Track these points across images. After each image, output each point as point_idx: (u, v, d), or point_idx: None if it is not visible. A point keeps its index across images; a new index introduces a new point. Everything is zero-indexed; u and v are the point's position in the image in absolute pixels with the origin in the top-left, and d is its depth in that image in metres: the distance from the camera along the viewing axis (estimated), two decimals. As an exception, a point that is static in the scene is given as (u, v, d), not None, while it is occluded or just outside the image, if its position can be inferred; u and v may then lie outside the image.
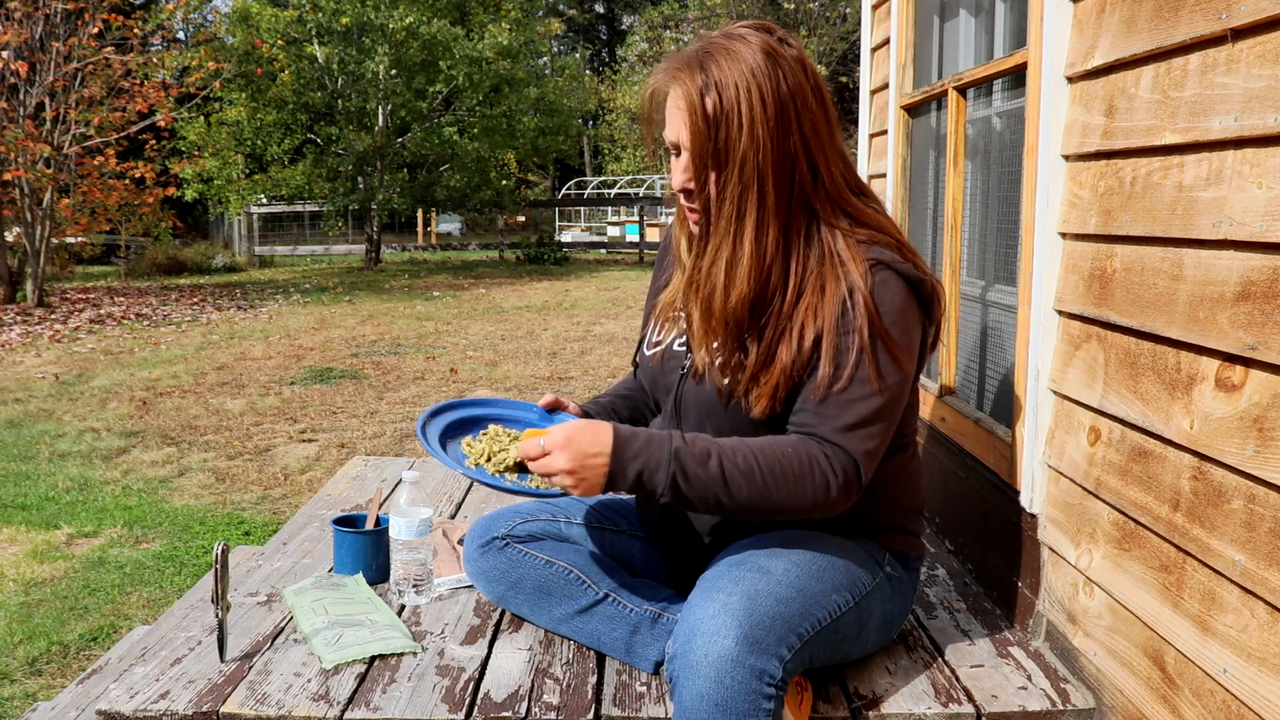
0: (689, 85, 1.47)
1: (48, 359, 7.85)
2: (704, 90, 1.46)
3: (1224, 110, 1.32)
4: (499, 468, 1.56)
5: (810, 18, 19.62)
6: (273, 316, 10.43)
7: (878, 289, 1.49)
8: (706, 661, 1.35)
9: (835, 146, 1.54)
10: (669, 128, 1.51)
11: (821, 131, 1.51)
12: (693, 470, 1.44)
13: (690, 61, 1.49)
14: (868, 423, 1.48)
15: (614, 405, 1.86)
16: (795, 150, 1.48)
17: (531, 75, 18.26)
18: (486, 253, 20.79)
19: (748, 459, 1.45)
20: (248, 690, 1.60)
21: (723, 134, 1.46)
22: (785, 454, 1.46)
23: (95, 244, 15.67)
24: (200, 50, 14.05)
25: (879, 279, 1.50)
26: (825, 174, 1.52)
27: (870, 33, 3.26)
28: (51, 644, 2.94)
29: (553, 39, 29.44)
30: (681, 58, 1.51)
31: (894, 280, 1.51)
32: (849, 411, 1.48)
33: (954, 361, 2.46)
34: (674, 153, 1.52)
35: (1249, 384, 1.26)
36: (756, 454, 1.46)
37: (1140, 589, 1.51)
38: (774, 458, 1.46)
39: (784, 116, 1.47)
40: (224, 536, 3.83)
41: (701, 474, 1.44)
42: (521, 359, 7.65)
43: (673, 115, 1.50)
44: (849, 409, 1.48)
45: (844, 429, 1.48)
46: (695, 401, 1.63)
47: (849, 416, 1.48)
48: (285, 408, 6.02)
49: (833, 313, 1.49)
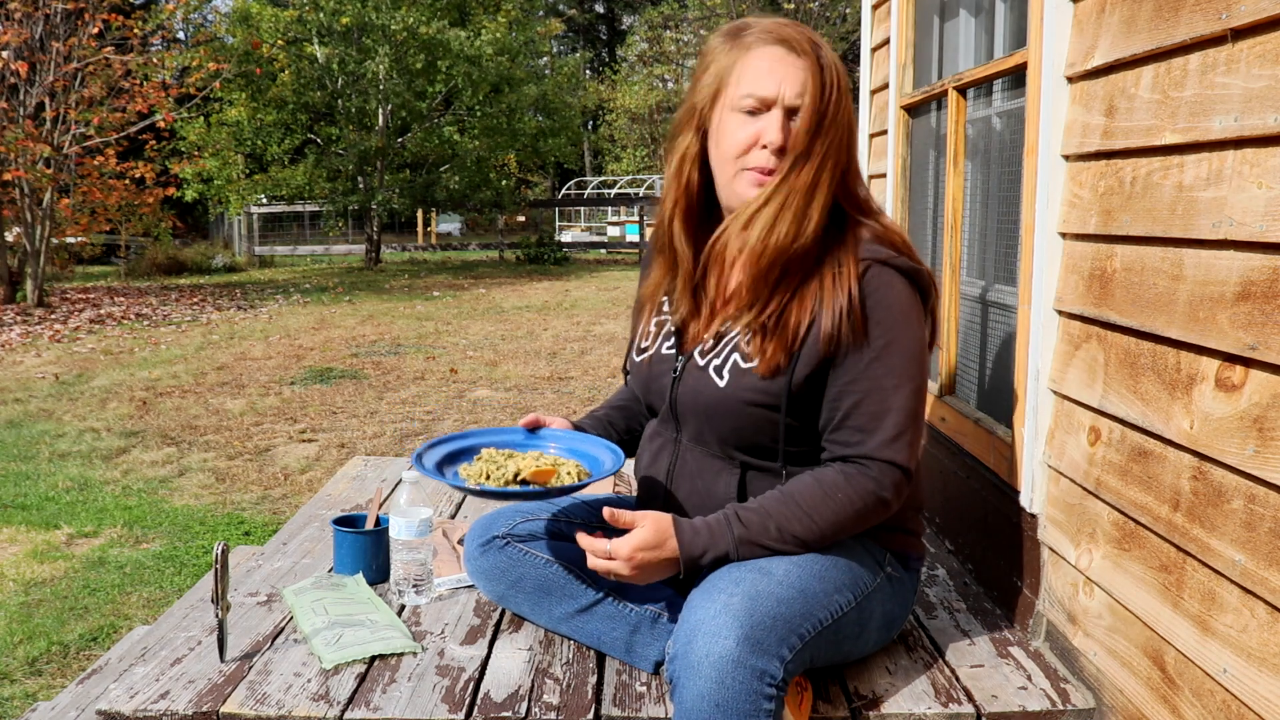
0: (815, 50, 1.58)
1: (48, 359, 7.85)
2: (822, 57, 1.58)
3: (1224, 110, 1.32)
4: (499, 482, 1.63)
5: (810, 18, 19.62)
6: (273, 316, 10.43)
7: (884, 290, 1.55)
8: (707, 662, 1.35)
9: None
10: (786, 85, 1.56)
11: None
12: (758, 548, 1.54)
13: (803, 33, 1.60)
14: (904, 428, 1.55)
15: (610, 418, 1.90)
16: (853, 127, 1.64)
17: (531, 75, 18.27)
18: (486, 253, 20.79)
19: (802, 512, 1.54)
20: (248, 690, 1.60)
21: (834, 97, 1.58)
22: (836, 499, 1.55)
23: (95, 244, 15.67)
24: (200, 50, 14.03)
25: (884, 279, 1.55)
26: (855, 143, 1.64)
27: (870, 33, 3.26)
28: (51, 644, 2.94)
29: (553, 39, 29.44)
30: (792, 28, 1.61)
31: (896, 278, 1.56)
32: (883, 423, 1.55)
33: (954, 361, 2.46)
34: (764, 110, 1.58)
35: (1249, 384, 1.26)
36: (809, 505, 1.55)
37: (1140, 589, 1.51)
38: (825, 503, 1.54)
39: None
40: (224, 536, 3.83)
41: (767, 545, 1.54)
42: (521, 359, 7.65)
43: (793, 74, 1.56)
44: (882, 421, 1.55)
45: (885, 444, 1.55)
46: (692, 403, 1.65)
47: (886, 430, 1.55)
48: (285, 408, 6.02)
49: (840, 306, 1.54)
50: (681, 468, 1.70)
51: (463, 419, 5.68)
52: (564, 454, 1.76)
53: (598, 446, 1.75)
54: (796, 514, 1.54)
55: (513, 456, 1.69)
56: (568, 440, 1.79)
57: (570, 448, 1.77)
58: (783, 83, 1.55)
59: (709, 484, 1.66)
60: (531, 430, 1.81)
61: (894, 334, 1.55)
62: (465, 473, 1.68)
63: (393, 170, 17.37)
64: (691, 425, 1.68)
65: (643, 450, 1.81)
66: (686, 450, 1.70)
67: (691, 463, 1.69)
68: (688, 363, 1.67)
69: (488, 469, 1.66)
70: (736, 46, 1.60)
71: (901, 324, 1.55)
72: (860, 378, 1.55)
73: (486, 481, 1.63)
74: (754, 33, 1.60)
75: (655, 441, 1.77)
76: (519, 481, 1.63)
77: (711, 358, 1.64)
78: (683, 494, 1.69)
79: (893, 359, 1.54)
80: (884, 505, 1.56)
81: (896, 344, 1.55)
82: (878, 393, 1.54)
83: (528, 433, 1.81)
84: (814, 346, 1.55)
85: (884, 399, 1.54)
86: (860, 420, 1.55)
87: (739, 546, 1.53)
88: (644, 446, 1.81)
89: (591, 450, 1.75)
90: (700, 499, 1.67)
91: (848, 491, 1.54)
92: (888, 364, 1.54)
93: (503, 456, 1.69)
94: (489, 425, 5.53)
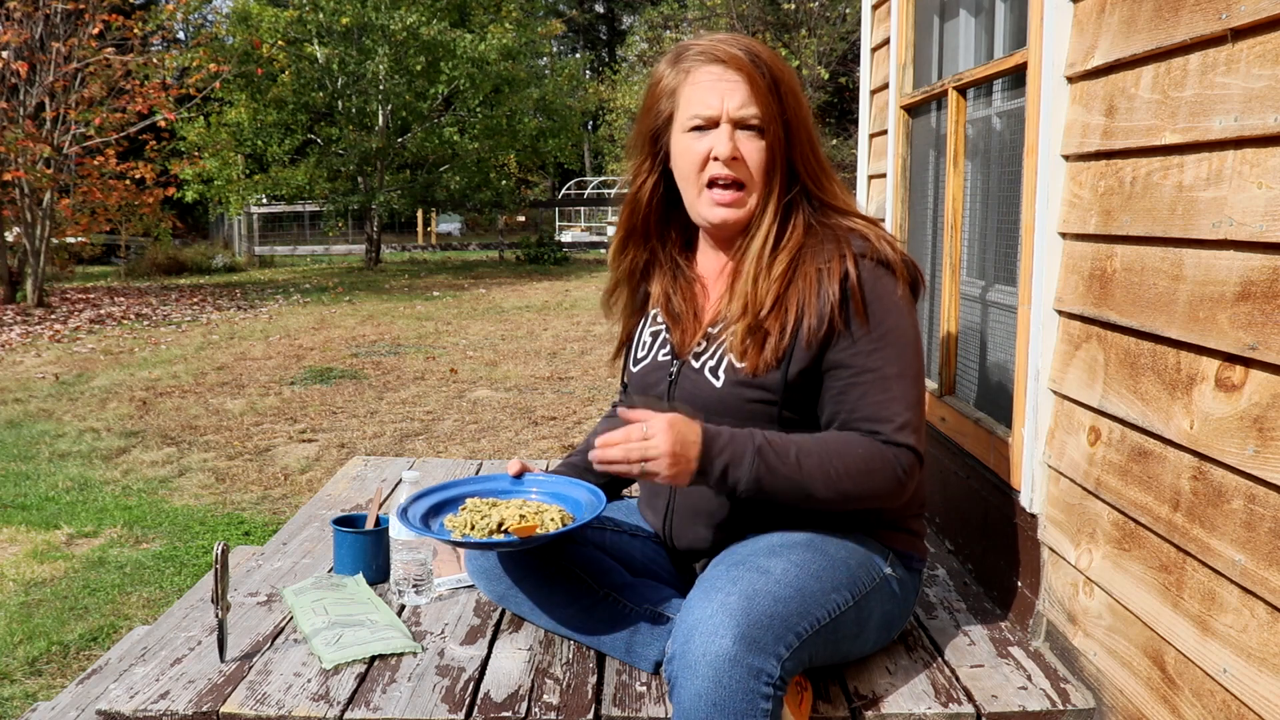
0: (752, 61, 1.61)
1: (48, 359, 7.85)
2: (760, 66, 1.61)
3: (1224, 110, 1.32)
4: (484, 533, 1.64)
5: (810, 18, 19.59)
6: (273, 316, 10.43)
7: (875, 282, 1.58)
8: (704, 661, 1.35)
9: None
10: (728, 99, 1.60)
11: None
12: (775, 464, 1.51)
13: (738, 45, 1.63)
14: (911, 415, 1.58)
15: (588, 464, 1.90)
16: (811, 124, 1.67)
17: (532, 76, 18.26)
18: (486, 253, 20.79)
19: (824, 454, 1.54)
20: (248, 690, 1.60)
21: (780, 103, 1.61)
22: (856, 452, 1.55)
23: (95, 244, 15.67)
24: (200, 51, 14.03)
25: (873, 272, 1.59)
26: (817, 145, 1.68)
27: (870, 33, 3.26)
28: (51, 644, 2.94)
29: (553, 39, 29.44)
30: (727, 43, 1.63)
31: (884, 270, 1.60)
32: (890, 411, 1.57)
33: (954, 361, 2.46)
34: (712, 127, 1.62)
35: (1249, 384, 1.26)
36: (831, 449, 1.54)
37: (1140, 589, 1.51)
38: (847, 454, 1.54)
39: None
40: (224, 536, 3.83)
41: (781, 468, 1.52)
42: (521, 359, 7.65)
43: (732, 88, 1.60)
44: (889, 409, 1.57)
45: (896, 430, 1.56)
46: (690, 405, 1.67)
47: (896, 418, 1.56)
48: (285, 408, 6.02)
49: (830, 300, 1.57)
50: None
51: (463, 419, 5.68)
52: (546, 498, 1.79)
53: (579, 489, 1.77)
54: (818, 449, 1.54)
55: (496, 505, 1.71)
56: (549, 485, 1.81)
57: (552, 491, 1.80)
58: (724, 98, 1.60)
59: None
60: (517, 476, 1.83)
61: (890, 324, 1.58)
62: (451, 524, 1.70)
63: (393, 170, 17.36)
64: None
65: None
66: None
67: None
68: (683, 366, 1.70)
69: (472, 519, 1.68)
70: (678, 71, 1.66)
71: (895, 314, 1.59)
72: (863, 369, 1.57)
73: (471, 532, 1.65)
74: (691, 55, 1.65)
75: None
76: (503, 531, 1.65)
77: (706, 359, 1.67)
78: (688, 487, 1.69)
79: (891, 348, 1.58)
80: (899, 484, 1.57)
81: (893, 333, 1.58)
82: (881, 382, 1.57)
83: (512, 479, 1.83)
84: (806, 341, 1.58)
85: (888, 388, 1.57)
86: (869, 411, 1.57)
87: (756, 458, 1.51)
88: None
89: (573, 494, 1.77)
90: (705, 492, 1.67)
91: (868, 449, 1.55)
92: (886, 354, 1.57)
93: (487, 505, 1.72)
94: (489, 424, 5.53)
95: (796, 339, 1.58)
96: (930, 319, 2.63)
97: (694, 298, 1.75)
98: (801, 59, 18.96)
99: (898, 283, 1.60)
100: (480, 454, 4.94)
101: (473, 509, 1.71)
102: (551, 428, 5.49)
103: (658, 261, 1.80)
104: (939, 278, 2.50)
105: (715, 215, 1.65)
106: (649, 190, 1.74)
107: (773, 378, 1.59)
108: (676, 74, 1.66)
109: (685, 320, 1.74)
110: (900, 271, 1.61)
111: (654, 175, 1.73)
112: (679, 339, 1.73)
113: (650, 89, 1.71)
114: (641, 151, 1.73)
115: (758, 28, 19.62)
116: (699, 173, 1.64)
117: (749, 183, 1.63)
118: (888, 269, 1.60)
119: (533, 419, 5.68)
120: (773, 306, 1.60)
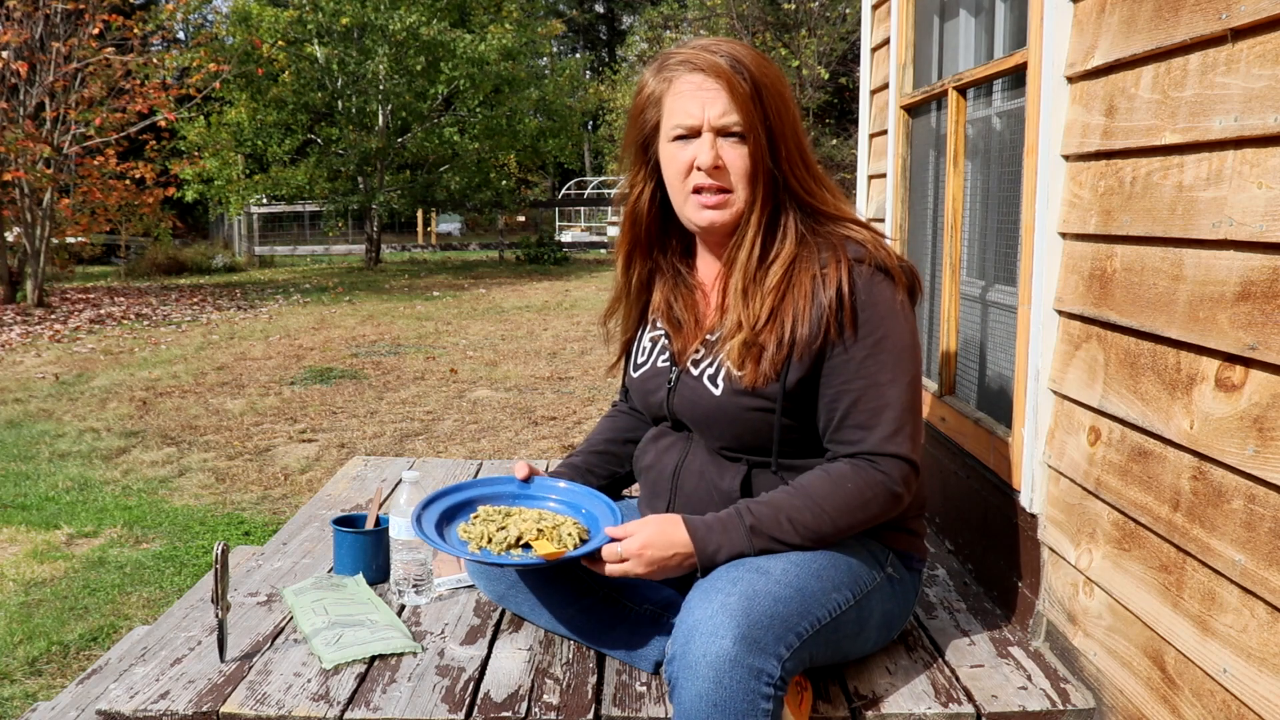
0: (733, 68, 1.59)
1: (48, 359, 7.85)
2: (741, 72, 1.59)
3: (1224, 110, 1.32)
4: (502, 546, 1.63)
5: (810, 18, 19.58)
6: (273, 316, 10.43)
7: (870, 288, 1.57)
8: (705, 662, 1.35)
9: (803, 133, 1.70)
10: (708, 108, 1.59)
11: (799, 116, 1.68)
12: (772, 540, 1.54)
13: (720, 53, 1.61)
14: (903, 422, 1.57)
15: (589, 465, 1.92)
16: (800, 127, 1.66)
17: (532, 76, 18.26)
18: (486, 253, 20.78)
19: (813, 503, 1.55)
20: (248, 690, 1.60)
21: (763, 109, 1.59)
22: (846, 488, 1.56)
23: (95, 244, 15.67)
24: (200, 51, 14.03)
25: (869, 278, 1.58)
26: (806, 151, 1.67)
27: (870, 33, 3.26)
28: (51, 644, 2.94)
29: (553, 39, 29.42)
30: (709, 51, 1.62)
31: (880, 276, 1.58)
32: (882, 419, 1.56)
33: (954, 361, 2.46)
34: (694, 137, 1.61)
35: (1249, 384, 1.26)
36: (819, 495, 1.55)
37: (1140, 589, 1.51)
38: (837, 495, 1.55)
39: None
40: (224, 536, 3.83)
41: (780, 538, 1.54)
42: (521, 359, 7.65)
43: (713, 97, 1.59)
44: (881, 416, 1.56)
45: (886, 439, 1.56)
46: (690, 412, 1.69)
47: (887, 425, 1.56)
48: (285, 408, 6.02)
49: (827, 307, 1.56)
50: (689, 463, 1.72)
51: (463, 419, 5.68)
52: (563, 509, 1.76)
53: (597, 503, 1.75)
54: (806, 504, 1.54)
55: (510, 515, 1.69)
56: (567, 495, 1.79)
57: (570, 502, 1.78)
58: (705, 107, 1.60)
59: (715, 479, 1.67)
60: (525, 480, 1.82)
61: (884, 330, 1.57)
62: (465, 534, 1.69)
63: (393, 170, 17.36)
64: (693, 430, 1.71)
65: (646, 449, 1.82)
66: (696, 446, 1.72)
67: (699, 459, 1.70)
68: (682, 374, 1.70)
69: (487, 530, 1.66)
70: (661, 80, 1.66)
71: (890, 320, 1.58)
72: (855, 376, 1.57)
73: (488, 545, 1.64)
74: (672, 64, 1.65)
75: (663, 440, 1.78)
76: (521, 546, 1.63)
77: (705, 367, 1.67)
78: (689, 488, 1.70)
79: (885, 355, 1.57)
80: (896, 498, 1.57)
81: (887, 340, 1.57)
82: (874, 389, 1.56)
83: (521, 483, 1.81)
84: (803, 349, 1.57)
85: (880, 395, 1.56)
86: (860, 418, 1.57)
87: (752, 539, 1.53)
88: (647, 446, 1.82)
89: (591, 507, 1.75)
90: (706, 493, 1.68)
91: (856, 482, 1.55)
92: (880, 360, 1.57)
93: (500, 515, 1.70)
94: (489, 424, 5.53)
95: (793, 350, 1.58)
96: (930, 319, 2.63)
97: (694, 304, 1.75)
98: (801, 59, 18.95)
99: (896, 288, 1.59)
100: (480, 454, 4.94)
101: (486, 518, 1.69)
102: (551, 428, 5.49)
103: (660, 270, 1.80)
104: (939, 278, 2.50)
105: (703, 218, 1.64)
106: (647, 200, 1.74)
107: (772, 388, 1.59)
108: (659, 83, 1.66)
109: (685, 327, 1.73)
110: (898, 276, 1.60)
111: (649, 185, 1.73)
112: (678, 346, 1.73)
113: (636, 98, 1.71)
114: (635, 162, 1.73)
115: (758, 28, 19.61)
116: (684, 180, 1.63)
117: (733, 189, 1.62)
118: (885, 274, 1.59)
119: (533, 419, 5.68)
120: (768, 319, 1.59)
